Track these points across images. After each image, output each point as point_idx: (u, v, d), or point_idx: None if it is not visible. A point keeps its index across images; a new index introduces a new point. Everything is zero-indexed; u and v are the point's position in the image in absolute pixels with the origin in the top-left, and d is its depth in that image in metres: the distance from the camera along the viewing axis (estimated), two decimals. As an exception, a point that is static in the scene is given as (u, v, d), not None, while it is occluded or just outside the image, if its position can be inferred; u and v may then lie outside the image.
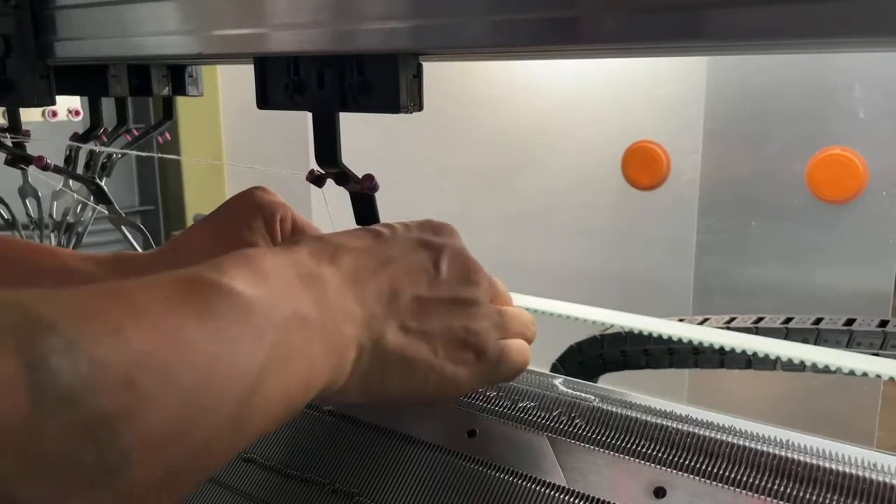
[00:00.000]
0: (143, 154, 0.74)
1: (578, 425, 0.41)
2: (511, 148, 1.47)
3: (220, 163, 1.77)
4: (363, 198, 0.48)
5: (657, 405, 0.42)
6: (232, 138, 1.77)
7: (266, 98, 0.46)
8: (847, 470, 0.34)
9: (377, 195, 0.48)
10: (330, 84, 0.42)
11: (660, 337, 1.10)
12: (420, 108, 0.41)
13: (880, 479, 0.34)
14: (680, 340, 1.07)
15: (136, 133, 0.76)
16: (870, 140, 1.09)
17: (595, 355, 1.17)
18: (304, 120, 0.45)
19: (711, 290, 1.31)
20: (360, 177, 0.46)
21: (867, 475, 0.34)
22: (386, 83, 0.40)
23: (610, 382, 1.21)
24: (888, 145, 1.09)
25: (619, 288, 1.42)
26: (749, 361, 1.03)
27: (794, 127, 1.15)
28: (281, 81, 0.44)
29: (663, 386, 1.29)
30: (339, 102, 0.42)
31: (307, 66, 0.43)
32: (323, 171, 0.47)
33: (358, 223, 0.49)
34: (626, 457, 0.38)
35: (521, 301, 1.22)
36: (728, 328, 1.06)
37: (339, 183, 0.47)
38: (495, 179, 1.51)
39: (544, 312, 1.22)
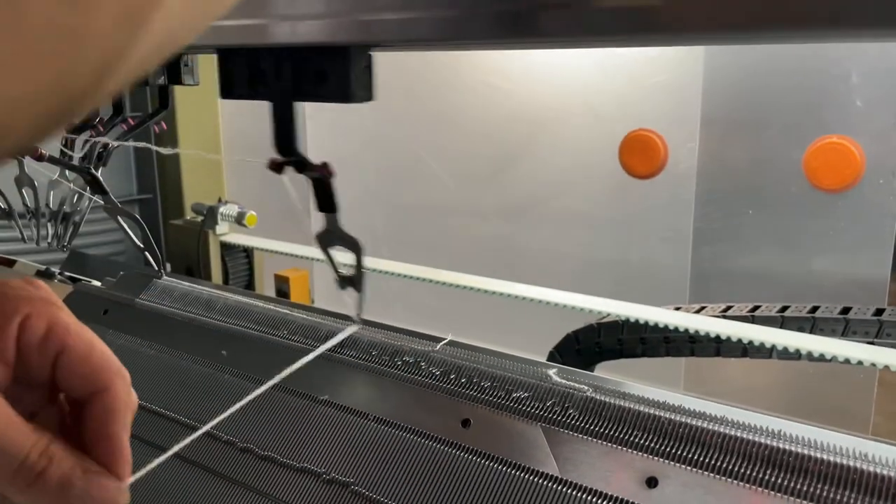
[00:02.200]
0: (139, 145, 0.74)
1: (572, 415, 0.41)
2: (508, 137, 1.47)
3: (216, 156, 1.77)
4: (321, 184, 0.49)
5: (651, 395, 0.42)
6: (230, 127, 1.76)
7: (229, 88, 0.47)
8: (837, 460, 0.35)
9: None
10: (287, 75, 0.43)
11: (656, 325, 1.11)
12: (371, 98, 0.42)
13: (870, 469, 0.34)
14: (676, 329, 1.08)
15: (132, 122, 0.75)
16: (867, 129, 1.09)
17: (592, 344, 1.17)
18: (301, 109, 0.46)
19: (708, 278, 1.31)
20: (318, 164, 0.48)
21: (857, 465, 0.34)
22: (338, 74, 0.41)
23: (607, 371, 1.22)
24: (885, 134, 1.09)
25: (616, 276, 1.42)
26: (745, 350, 1.04)
27: (792, 115, 1.15)
28: (242, 72, 0.46)
29: (660, 374, 1.29)
30: (295, 92, 0.44)
31: (266, 58, 0.44)
32: (281, 159, 0.48)
33: (319, 208, 0.51)
34: (619, 447, 0.38)
35: (518, 290, 1.22)
36: (724, 317, 1.07)
37: (298, 170, 0.48)
38: (492, 168, 1.51)
39: (541, 301, 1.23)
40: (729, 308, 1.08)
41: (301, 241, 1.41)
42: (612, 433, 0.39)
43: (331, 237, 0.51)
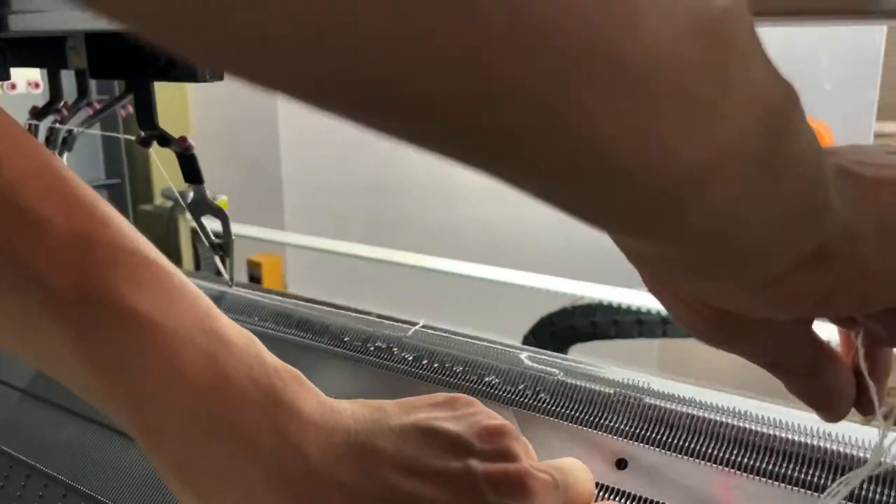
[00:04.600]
0: (101, 133, 0.72)
1: (543, 399, 0.41)
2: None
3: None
4: (185, 157, 0.55)
5: (622, 377, 0.42)
6: (199, 112, 1.74)
7: (96, 69, 0.52)
8: (802, 439, 0.35)
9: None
10: (143, 57, 0.49)
11: (629, 308, 1.12)
12: (221, 78, 0.47)
13: (834, 447, 0.35)
14: (649, 311, 1.09)
15: (97, 106, 0.74)
16: (836, 112, 1.10)
17: (566, 326, 1.18)
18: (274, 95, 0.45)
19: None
20: (177, 138, 0.54)
21: (821, 444, 0.35)
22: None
23: (583, 353, 1.23)
24: (854, 117, 1.10)
25: (593, 258, 1.43)
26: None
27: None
28: (106, 55, 0.51)
29: (635, 356, 1.30)
30: (152, 72, 0.50)
31: (127, 41, 0.49)
32: (144, 134, 0.54)
33: (185, 180, 0.57)
34: (590, 429, 0.39)
35: (496, 274, 1.23)
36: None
37: (161, 144, 0.54)
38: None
39: (514, 285, 1.23)
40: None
41: (274, 225, 1.40)
42: (582, 416, 0.40)
43: (200, 207, 0.57)
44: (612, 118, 0.15)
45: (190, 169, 0.54)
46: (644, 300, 1.04)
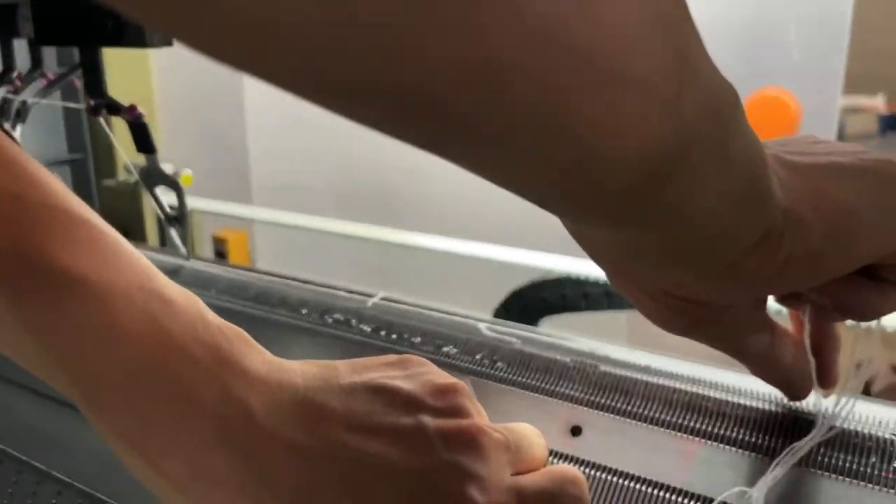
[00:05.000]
0: (61, 104, 0.70)
1: (500, 367, 0.41)
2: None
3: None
4: (135, 126, 0.55)
5: (579, 346, 0.42)
6: (163, 83, 1.70)
7: (43, 35, 0.52)
8: (754, 404, 0.35)
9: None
10: (91, 23, 0.48)
11: (597, 281, 1.13)
12: (169, 44, 0.47)
13: (788, 412, 0.35)
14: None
15: (51, 77, 0.72)
16: (803, 81, 1.11)
17: (537, 299, 1.19)
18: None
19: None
20: (126, 106, 0.54)
21: (774, 409, 0.35)
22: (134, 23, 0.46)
23: (554, 327, 1.23)
24: (820, 86, 1.10)
25: (562, 231, 1.43)
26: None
27: (729, 68, 1.16)
28: (55, 19, 0.50)
29: (604, 328, 1.31)
30: (99, 38, 0.48)
31: (76, 6, 0.48)
32: (93, 102, 0.53)
33: (137, 149, 0.56)
34: (545, 397, 0.39)
35: (466, 248, 1.22)
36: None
37: (111, 112, 0.53)
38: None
39: (485, 259, 1.23)
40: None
41: (241, 200, 1.38)
42: (538, 384, 0.39)
43: (154, 178, 0.56)
44: (580, 104, 0.16)
45: (142, 138, 0.53)
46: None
